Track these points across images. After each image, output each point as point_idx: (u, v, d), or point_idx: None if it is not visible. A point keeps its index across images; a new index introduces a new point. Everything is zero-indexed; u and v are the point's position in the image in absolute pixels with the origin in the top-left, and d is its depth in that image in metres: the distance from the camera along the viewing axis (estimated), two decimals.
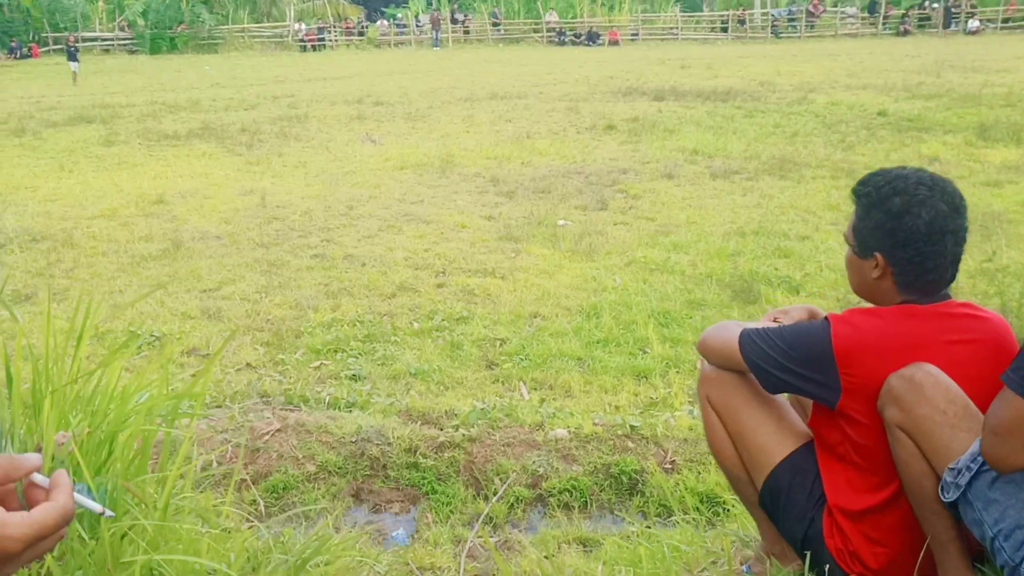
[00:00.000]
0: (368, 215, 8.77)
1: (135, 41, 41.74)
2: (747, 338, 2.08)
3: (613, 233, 7.89)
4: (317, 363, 5.01)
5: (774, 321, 2.25)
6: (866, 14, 42.84)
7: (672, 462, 3.65)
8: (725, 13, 44.07)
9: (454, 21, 44.42)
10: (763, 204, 8.83)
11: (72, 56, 27.66)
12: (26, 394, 1.85)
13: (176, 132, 14.94)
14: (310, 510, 3.31)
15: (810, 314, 2.29)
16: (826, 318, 2.01)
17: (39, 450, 1.70)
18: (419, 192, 9.87)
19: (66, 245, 7.60)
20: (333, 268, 6.90)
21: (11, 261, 7.06)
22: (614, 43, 40.21)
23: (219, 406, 4.16)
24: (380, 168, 11.41)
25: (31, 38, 41.54)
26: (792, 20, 42.61)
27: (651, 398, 4.53)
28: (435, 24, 42.42)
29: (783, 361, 2.00)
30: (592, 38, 40.90)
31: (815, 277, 6.41)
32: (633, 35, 42.37)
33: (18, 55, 38.66)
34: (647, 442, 3.77)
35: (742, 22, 42.28)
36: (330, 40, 43.10)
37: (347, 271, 6.83)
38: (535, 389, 4.66)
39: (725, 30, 42.40)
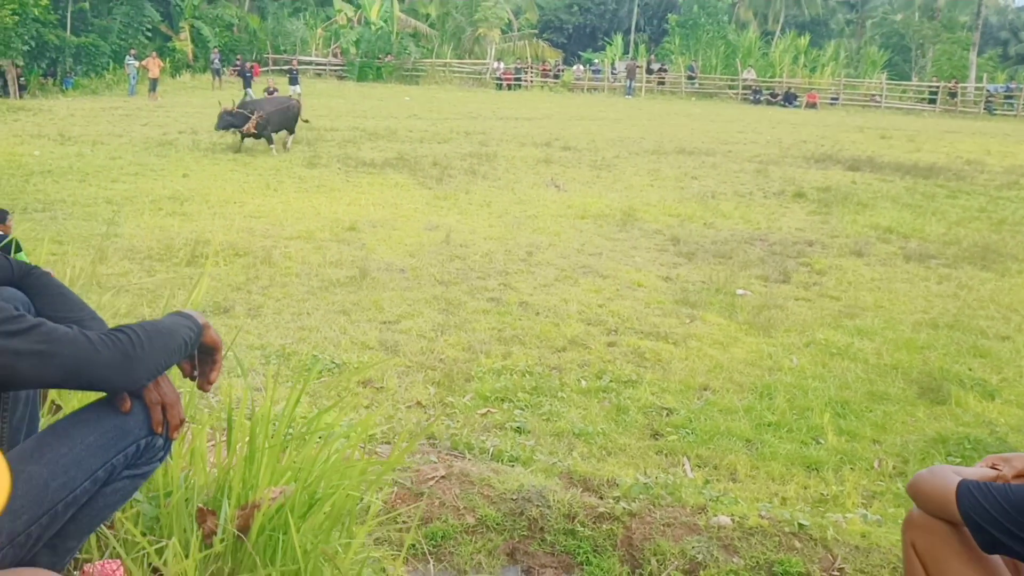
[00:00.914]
0: (546, 263, 8.89)
1: (345, 68, 44.26)
2: (966, 491, 1.96)
3: (794, 309, 7.66)
4: (484, 410, 5.10)
5: (992, 468, 2.11)
6: None
7: (840, 570, 3.48)
8: (935, 84, 42.14)
9: (649, 71, 44.57)
10: (960, 295, 8.34)
11: (294, 80, 29.56)
12: (243, 445, 2.00)
13: (373, 160, 15.69)
14: (467, 564, 3.35)
15: None
16: None
17: (257, 507, 1.83)
18: (598, 244, 9.92)
19: (264, 263, 8.11)
20: (508, 314, 7.02)
21: (216, 273, 7.60)
22: (812, 106, 39.19)
23: (388, 443, 4.30)
24: (562, 215, 11.56)
25: (253, 57, 44.80)
26: (1009, 97, 40.21)
27: (822, 494, 4.34)
28: (630, 73, 42.65)
29: (1006, 523, 1.87)
30: (789, 99, 40.04)
31: (1013, 384, 5.99)
32: (833, 99, 41.17)
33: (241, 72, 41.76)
34: (815, 544, 3.60)
35: (953, 95, 40.26)
36: (526, 80, 44.18)
37: (521, 319, 6.94)
38: (699, 467, 4.57)
39: (933, 101, 40.51)
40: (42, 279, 1.73)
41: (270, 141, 16.33)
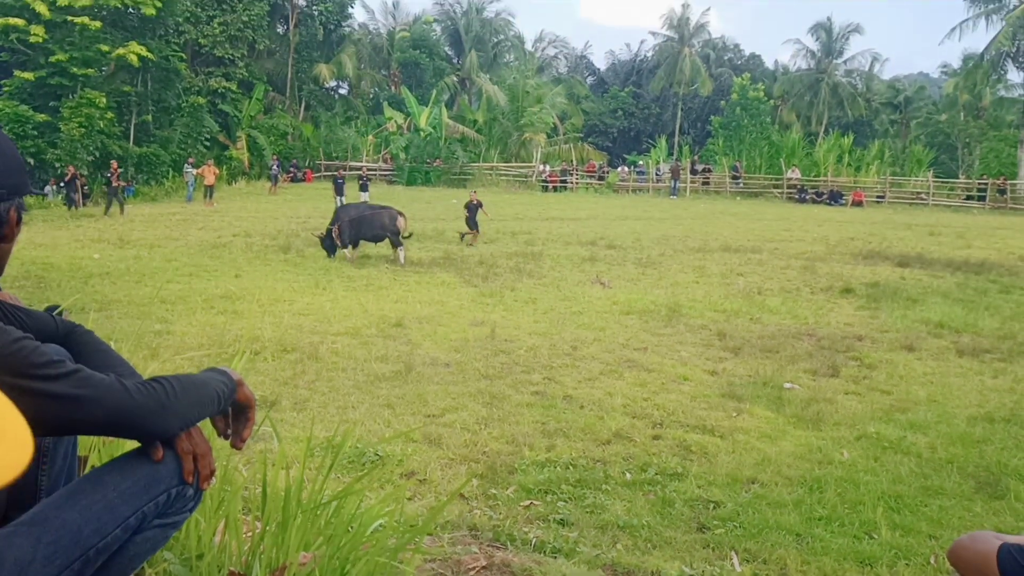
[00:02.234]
0: (591, 357, 8.88)
1: (394, 172, 45.40)
2: (1008, 555, 1.90)
3: (843, 403, 7.52)
4: (527, 502, 5.04)
5: None
6: None
7: None
8: (984, 181, 41.90)
9: (694, 172, 45.05)
10: (1017, 389, 8.13)
11: (364, 187, 30.41)
12: (277, 511, 2.02)
13: (420, 260, 15.95)
14: None
15: None
16: None
17: (285, 568, 1.84)
18: (643, 339, 9.90)
19: (311, 358, 8.22)
20: (552, 407, 7.00)
21: (263, 368, 7.71)
22: (858, 204, 39.14)
23: (430, 534, 4.27)
24: (607, 311, 11.58)
25: (307, 163, 46.24)
26: None
27: None
28: (675, 173, 43.17)
29: None
30: (834, 197, 40.08)
31: None
32: (879, 197, 41.12)
33: (295, 178, 43.14)
34: None
35: (1002, 191, 39.98)
36: (571, 182, 44.84)
37: (565, 412, 6.91)
38: (747, 561, 4.45)
39: (982, 199, 40.24)
40: (85, 337, 1.80)
41: (354, 246, 16.39)
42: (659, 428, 6.60)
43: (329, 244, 16.14)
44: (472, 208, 19.93)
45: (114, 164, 28.19)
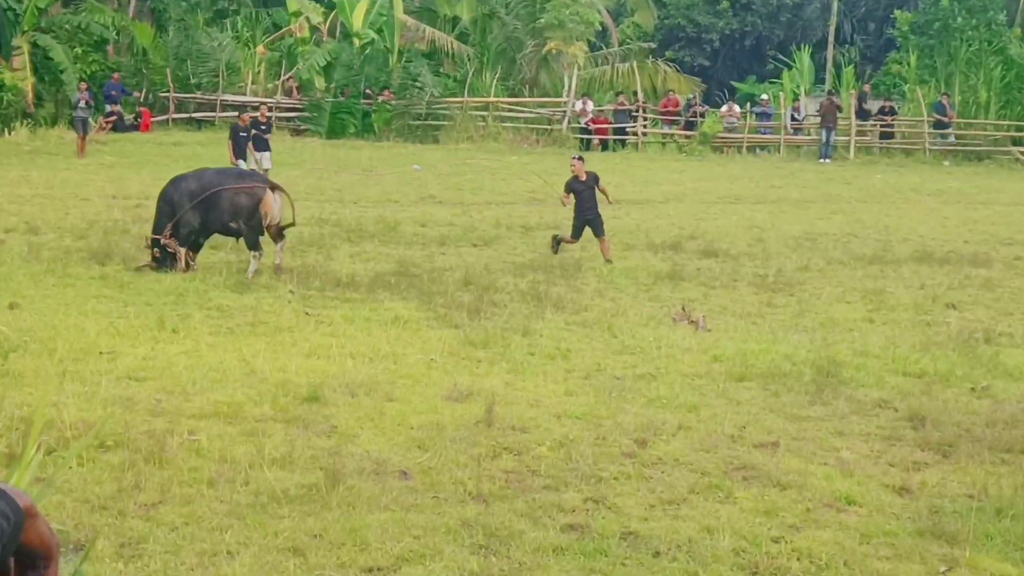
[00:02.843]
0: (672, 460, 8.89)
1: (306, 114, 45.26)
2: None
3: None
4: None
5: None
6: None
7: None
8: None
9: (862, 115, 44.91)
10: None
11: (262, 144, 29.95)
12: None
13: (354, 277, 16.00)
14: None
15: None
16: None
17: None
18: (770, 426, 9.92)
19: (151, 461, 8.23)
20: (601, 554, 7.01)
21: (66, 480, 7.71)
22: None
23: None
24: (701, 373, 11.60)
25: (144, 97, 45.96)
26: None
27: None
28: (827, 117, 42.89)
29: None
30: None
31: None
32: None
33: (121, 123, 42.52)
34: None
35: None
36: (634, 131, 44.76)
37: (626, 562, 6.92)
38: None
39: None
40: None
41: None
42: None
43: (164, 253, 16.35)
44: (582, 189, 19.16)
45: None
